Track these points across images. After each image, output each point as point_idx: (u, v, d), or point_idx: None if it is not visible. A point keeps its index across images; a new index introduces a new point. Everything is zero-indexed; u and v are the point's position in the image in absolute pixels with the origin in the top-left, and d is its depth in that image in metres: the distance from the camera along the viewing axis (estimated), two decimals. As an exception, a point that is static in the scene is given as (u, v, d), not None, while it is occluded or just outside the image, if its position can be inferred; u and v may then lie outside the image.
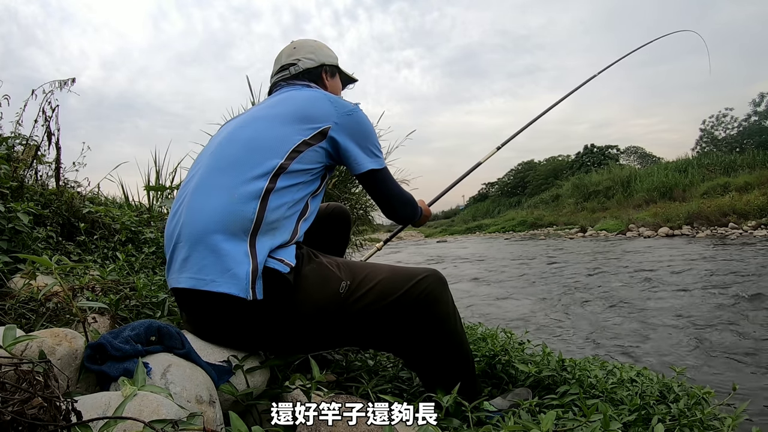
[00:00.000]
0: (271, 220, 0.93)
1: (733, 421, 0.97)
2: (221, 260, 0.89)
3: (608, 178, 21.78)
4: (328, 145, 1.05)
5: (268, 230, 0.93)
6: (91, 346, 0.71)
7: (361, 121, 1.09)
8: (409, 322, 0.97)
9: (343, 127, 1.05)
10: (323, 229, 1.32)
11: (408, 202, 1.23)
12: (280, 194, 0.95)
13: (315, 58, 1.24)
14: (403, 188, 1.22)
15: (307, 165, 1.01)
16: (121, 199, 2.88)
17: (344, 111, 1.07)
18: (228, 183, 0.93)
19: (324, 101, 1.07)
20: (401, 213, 1.23)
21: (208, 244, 0.90)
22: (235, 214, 0.90)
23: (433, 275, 1.00)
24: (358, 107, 1.11)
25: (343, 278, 0.97)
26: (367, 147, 1.09)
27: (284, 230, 0.96)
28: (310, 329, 0.95)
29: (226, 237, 0.89)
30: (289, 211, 0.97)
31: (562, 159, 34.03)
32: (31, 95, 1.83)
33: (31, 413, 0.44)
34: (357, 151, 1.08)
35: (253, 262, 0.89)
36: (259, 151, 0.97)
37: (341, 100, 1.10)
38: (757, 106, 22.93)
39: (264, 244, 0.91)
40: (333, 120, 1.04)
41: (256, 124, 1.03)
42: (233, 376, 0.87)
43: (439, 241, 19.50)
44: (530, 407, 0.96)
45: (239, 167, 0.95)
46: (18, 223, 1.31)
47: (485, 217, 30.80)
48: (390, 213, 1.23)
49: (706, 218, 12.20)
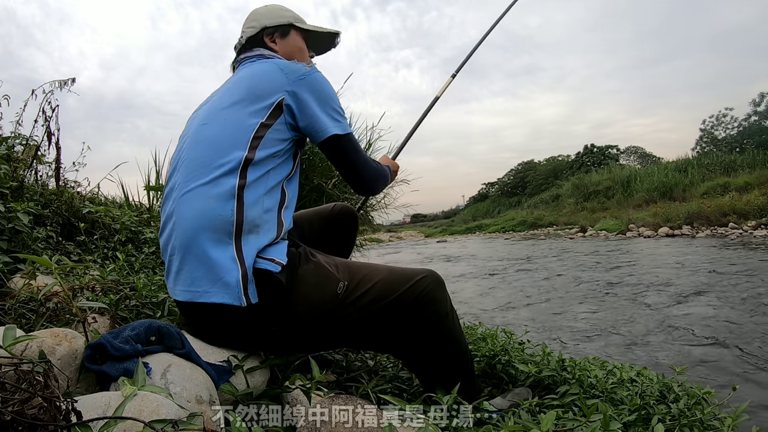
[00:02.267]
0: (252, 217, 0.90)
1: (733, 421, 0.97)
2: (211, 270, 0.88)
3: (608, 178, 21.78)
4: (287, 117, 0.97)
5: (252, 229, 0.90)
6: (91, 346, 0.71)
7: (316, 83, 0.99)
8: (407, 323, 0.97)
9: (297, 93, 0.97)
10: (329, 230, 1.30)
11: (379, 172, 1.13)
12: (253, 188, 0.91)
13: (256, 24, 1.15)
14: (370, 158, 1.12)
15: (273, 148, 0.95)
16: (121, 199, 2.87)
17: (296, 76, 0.97)
18: (201, 189, 0.91)
19: (273, 72, 0.98)
20: (371, 185, 1.12)
21: (197, 254, 0.89)
22: (215, 218, 0.88)
23: (431, 276, 0.99)
24: (314, 68, 1.01)
25: (341, 279, 0.96)
26: (328, 111, 1.00)
27: (268, 225, 0.94)
28: (308, 330, 0.95)
29: (212, 243, 0.88)
30: (267, 203, 0.94)
31: (562, 159, 34.04)
32: (31, 95, 1.83)
33: (31, 413, 0.44)
34: (317, 116, 0.98)
35: (242, 267, 0.87)
36: (222, 147, 0.93)
37: (293, 64, 1.00)
38: (757, 106, 22.93)
39: (251, 246, 0.89)
40: (284, 89, 0.96)
41: (215, 117, 0.98)
42: (233, 376, 0.87)
43: (439, 241, 19.50)
44: (530, 407, 0.96)
45: (207, 169, 0.92)
46: (18, 223, 1.31)
47: (485, 217, 30.78)
48: (359, 186, 1.11)
49: (706, 218, 12.20)
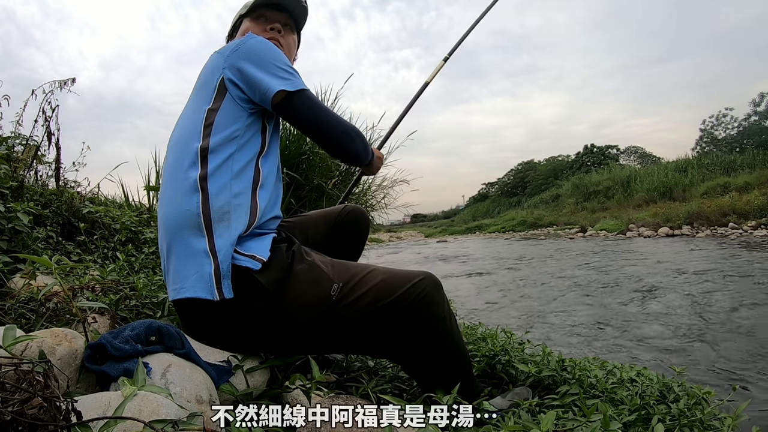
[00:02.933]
0: (219, 205, 0.89)
1: (733, 421, 0.97)
2: (187, 266, 0.89)
3: (608, 178, 21.79)
4: (235, 92, 0.93)
5: (222, 217, 0.89)
6: (91, 346, 0.71)
7: (251, 48, 0.95)
8: (405, 326, 0.95)
9: (234, 65, 0.93)
10: (337, 233, 1.26)
11: (352, 128, 1.03)
12: (217, 176, 0.90)
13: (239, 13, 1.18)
14: (339, 116, 1.04)
15: (229, 129, 0.92)
16: (121, 199, 2.87)
17: (230, 50, 0.95)
18: (172, 189, 0.93)
19: (213, 58, 0.98)
20: (344, 144, 1.01)
21: (176, 253, 0.91)
22: (184, 215, 0.89)
23: (429, 278, 0.97)
24: (250, 35, 0.98)
25: (335, 280, 0.94)
26: (270, 69, 0.94)
27: (240, 210, 0.91)
28: (302, 330, 0.93)
29: (186, 241, 0.89)
30: (236, 187, 0.91)
31: (562, 159, 34.06)
32: (31, 95, 1.83)
33: (31, 413, 0.44)
34: (259, 78, 0.92)
35: (215, 260, 0.87)
36: (182, 145, 0.93)
37: (231, 43, 0.98)
38: (757, 106, 22.94)
39: (223, 238, 0.88)
40: (221, 66, 0.94)
41: (181, 117, 1.00)
42: (233, 376, 0.87)
43: (439, 241, 19.50)
44: (530, 407, 0.96)
45: (175, 170, 0.93)
46: (18, 223, 1.31)
47: (485, 217, 30.79)
48: (332, 146, 1.02)
49: (706, 218, 12.20)
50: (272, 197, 1.01)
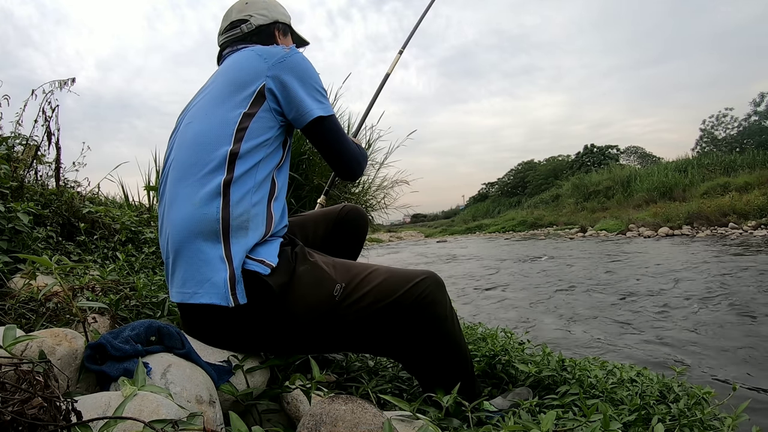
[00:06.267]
0: (239, 213, 0.88)
1: (733, 421, 0.97)
2: (199, 271, 0.88)
3: (608, 178, 21.79)
4: (271, 103, 0.94)
5: (240, 227, 0.89)
6: (91, 346, 0.71)
7: (297, 64, 0.97)
8: (407, 325, 0.95)
9: (278, 77, 0.95)
10: (336, 232, 1.27)
11: (361, 153, 1.10)
12: (240, 182, 0.89)
13: (268, 14, 1.15)
14: (352, 141, 1.09)
15: (260, 138, 0.93)
16: (121, 199, 2.88)
17: (275, 60, 0.96)
18: (188, 190, 0.90)
19: (252, 58, 0.97)
20: (356, 168, 1.09)
21: (187, 256, 0.89)
22: (201, 219, 0.87)
23: (431, 277, 0.98)
24: (294, 49, 1.00)
25: (337, 280, 0.94)
26: (311, 92, 0.97)
27: (257, 221, 0.91)
28: (305, 331, 0.94)
29: (201, 245, 0.88)
30: (255, 197, 0.91)
31: (562, 159, 34.06)
32: (30, 95, 1.83)
33: (31, 413, 0.44)
34: (301, 98, 0.95)
35: (230, 266, 0.86)
36: (206, 145, 0.91)
37: (272, 48, 0.99)
38: (757, 106, 22.96)
39: (239, 245, 0.88)
40: (265, 75, 0.94)
41: (199, 114, 0.97)
42: (233, 376, 0.87)
43: (439, 241, 19.50)
44: (530, 407, 0.96)
45: (194, 169, 0.91)
46: (18, 223, 1.31)
47: (485, 217, 30.78)
48: (343, 169, 1.08)
49: (706, 218, 12.21)
50: (284, 209, 1.03)
